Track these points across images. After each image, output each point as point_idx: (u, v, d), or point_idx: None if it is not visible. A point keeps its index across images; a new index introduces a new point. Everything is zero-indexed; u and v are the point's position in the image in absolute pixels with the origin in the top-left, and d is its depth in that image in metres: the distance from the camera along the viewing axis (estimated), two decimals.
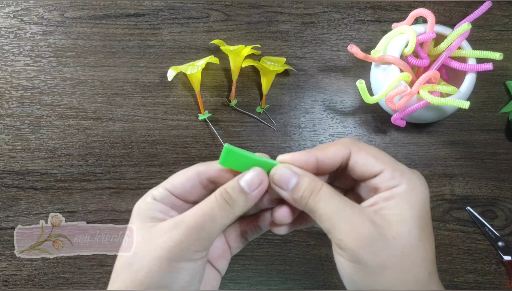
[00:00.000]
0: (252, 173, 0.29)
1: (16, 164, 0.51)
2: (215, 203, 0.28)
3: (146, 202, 0.29)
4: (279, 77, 0.53)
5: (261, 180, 0.29)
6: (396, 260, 0.26)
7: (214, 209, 0.27)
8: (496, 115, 0.54)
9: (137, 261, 0.27)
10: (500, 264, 0.51)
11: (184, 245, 0.26)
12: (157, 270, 0.26)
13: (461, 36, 0.46)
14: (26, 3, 0.53)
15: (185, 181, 0.30)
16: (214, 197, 0.28)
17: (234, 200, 0.28)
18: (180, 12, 0.53)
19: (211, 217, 0.27)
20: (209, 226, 0.27)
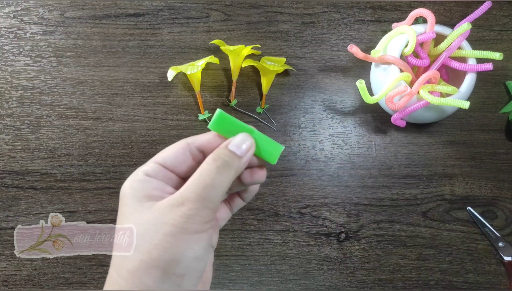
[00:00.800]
0: (240, 137, 0.30)
1: (16, 164, 0.51)
2: (213, 170, 0.28)
3: (138, 179, 0.29)
4: (279, 77, 0.53)
5: (250, 143, 0.30)
6: None
7: (213, 176, 0.27)
8: (496, 116, 0.54)
9: (147, 241, 0.26)
10: (500, 264, 0.51)
11: (193, 219, 0.26)
12: (170, 247, 0.26)
13: (461, 36, 0.46)
14: (26, 3, 0.53)
15: (176, 152, 0.30)
16: (208, 164, 0.28)
17: (229, 163, 0.28)
18: (180, 12, 0.53)
19: (211, 185, 0.27)
20: (213, 194, 0.27)
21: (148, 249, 0.26)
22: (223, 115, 0.30)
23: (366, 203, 0.52)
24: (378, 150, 0.52)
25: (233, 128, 0.30)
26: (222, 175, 0.28)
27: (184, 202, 0.27)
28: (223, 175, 0.28)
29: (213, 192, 0.27)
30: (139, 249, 0.26)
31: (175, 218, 0.26)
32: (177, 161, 0.30)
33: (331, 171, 0.52)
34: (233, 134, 0.30)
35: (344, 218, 0.51)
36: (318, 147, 0.52)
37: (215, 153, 0.29)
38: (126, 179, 0.29)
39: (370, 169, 0.52)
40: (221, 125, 0.30)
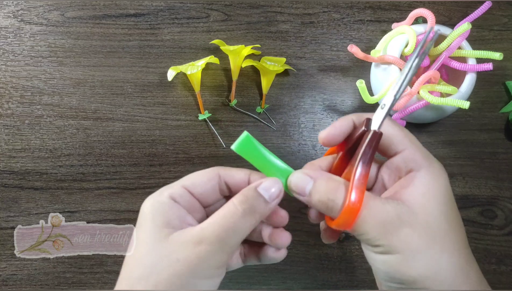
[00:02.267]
0: (272, 181, 0.28)
1: (16, 164, 0.51)
2: (236, 213, 0.26)
3: (162, 201, 0.27)
4: (279, 77, 0.53)
5: (280, 190, 0.28)
6: (426, 244, 0.26)
7: (235, 220, 0.26)
8: (495, 115, 0.54)
9: (155, 274, 0.25)
10: (500, 264, 0.51)
11: (206, 262, 0.25)
12: (177, 286, 0.25)
13: (461, 36, 0.46)
14: (26, 3, 0.53)
15: (207, 181, 0.29)
16: (234, 206, 0.27)
17: (256, 209, 0.27)
18: (180, 12, 0.53)
19: (233, 229, 0.26)
20: (232, 239, 0.26)
21: (155, 283, 0.25)
22: (249, 141, 0.29)
23: None
24: None
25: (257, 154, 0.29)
26: (245, 219, 0.26)
27: (202, 241, 0.25)
28: (247, 219, 0.26)
29: (233, 236, 0.26)
30: (148, 279, 0.25)
31: (190, 257, 0.25)
32: (205, 190, 0.29)
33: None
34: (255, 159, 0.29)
35: None
36: (318, 146, 0.52)
37: (243, 195, 0.27)
38: (149, 197, 0.28)
39: None
40: (245, 149, 0.29)
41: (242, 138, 0.29)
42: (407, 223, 0.25)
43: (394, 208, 0.26)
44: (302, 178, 0.28)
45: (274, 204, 0.28)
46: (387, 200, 0.26)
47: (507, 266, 0.51)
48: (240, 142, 0.29)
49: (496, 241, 0.51)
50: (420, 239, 0.25)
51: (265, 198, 0.27)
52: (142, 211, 0.28)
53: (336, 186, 0.27)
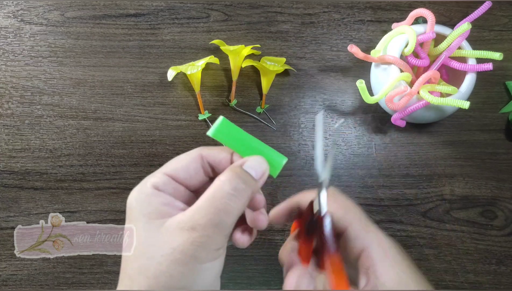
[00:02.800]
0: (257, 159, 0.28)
1: (16, 164, 0.51)
2: (227, 193, 0.26)
3: (146, 192, 0.27)
4: (279, 77, 0.53)
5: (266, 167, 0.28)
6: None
7: (227, 201, 0.25)
8: (496, 116, 0.54)
9: (154, 266, 0.25)
10: (500, 264, 0.51)
11: (204, 246, 0.25)
12: (178, 275, 0.24)
13: (461, 36, 0.46)
14: (26, 3, 0.53)
15: (188, 164, 0.28)
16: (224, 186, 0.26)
17: (245, 186, 0.26)
18: (180, 12, 0.53)
19: (225, 211, 0.25)
20: (226, 220, 0.26)
21: (155, 274, 0.25)
22: (226, 123, 0.28)
23: (366, 202, 0.52)
24: (378, 149, 0.52)
25: (235, 138, 0.28)
26: (237, 199, 0.26)
27: (195, 226, 0.25)
28: (238, 198, 0.26)
29: (227, 217, 0.25)
30: (146, 273, 0.25)
31: (185, 245, 0.24)
32: (189, 174, 0.28)
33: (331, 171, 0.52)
34: (234, 143, 0.28)
35: None
36: None
37: (230, 173, 0.26)
38: (133, 190, 0.28)
39: (370, 169, 0.52)
40: (222, 133, 0.28)
41: (219, 123, 0.28)
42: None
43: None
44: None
45: (261, 181, 0.28)
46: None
47: (507, 266, 0.51)
48: (217, 128, 0.28)
49: (496, 241, 0.51)
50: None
51: (251, 175, 0.27)
52: (128, 205, 0.27)
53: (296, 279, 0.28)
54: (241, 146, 0.29)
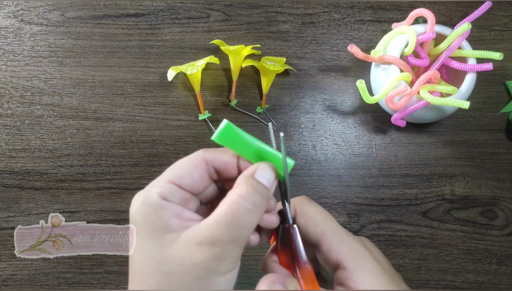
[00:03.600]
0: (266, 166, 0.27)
1: (16, 164, 0.51)
2: (246, 208, 0.25)
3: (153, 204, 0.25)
4: (279, 77, 0.53)
5: (275, 172, 0.27)
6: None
7: (246, 216, 0.25)
8: (496, 115, 0.53)
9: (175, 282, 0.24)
10: (501, 264, 0.51)
11: (224, 260, 0.25)
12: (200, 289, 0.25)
13: (461, 36, 0.46)
14: (26, 3, 0.53)
15: (193, 171, 0.27)
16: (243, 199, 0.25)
17: (262, 199, 0.26)
18: (180, 12, 0.53)
19: (244, 226, 0.25)
20: (244, 235, 0.25)
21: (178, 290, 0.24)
22: (230, 127, 0.27)
23: (367, 202, 0.52)
24: (378, 149, 0.52)
25: (240, 141, 0.28)
26: (255, 214, 0.26)
27: (215, 242, 0.24)
28: (257, 213, 0.26)
29: (245, 231, 0.25)
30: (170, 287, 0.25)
31: (207, 261, 0.24)
32: (194, 180, 0.27)
33: (331, 171, 0.52)
34: (239, 147, 0.28)
35: (344, 218, 0.51)
36: (318, 147, 0.52)
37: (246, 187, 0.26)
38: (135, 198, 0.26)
39: (370, 169, 0.52)
40: (227, 138, 0.27)
41: (223, 127, 0.27)
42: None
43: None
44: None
45: (273, 189, 0.27)
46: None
47: (508, 266, 0.51)
48: (221, 132, 0.27)
49: (496, 241, 0.51)
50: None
51: (265, 185, 0.27)
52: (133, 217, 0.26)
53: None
54: (246, 150, 0.28)
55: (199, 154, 0.28)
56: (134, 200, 0.26)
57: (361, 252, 0.28)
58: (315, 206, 0.30)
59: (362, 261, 0.27)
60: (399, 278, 0.29)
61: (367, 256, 0.28)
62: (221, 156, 0.28)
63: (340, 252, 0.27)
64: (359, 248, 0.28)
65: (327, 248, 0.28)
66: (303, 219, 0.29)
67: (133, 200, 0.27)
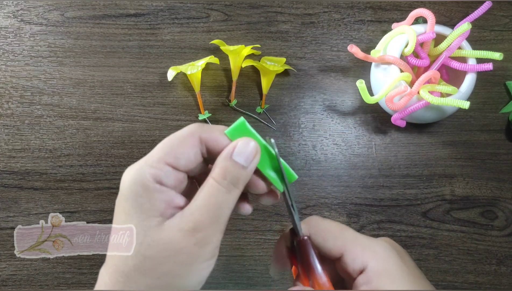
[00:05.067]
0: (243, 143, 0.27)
1: (16, 164, 0.51)
2: (222, 190, 0.26)
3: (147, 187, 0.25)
4: (279, 77, 0.53)
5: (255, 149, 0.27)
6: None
7: (224, 197, 0.26)
8: (496, 116, 0.53)
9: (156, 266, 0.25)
10: (501, 265, 0.51)
11: (207, 247, 0.25)
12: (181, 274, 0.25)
13: (461, 36, 0.46)
14: (26, 3, 0.53)
15: (189, 150, 0.26)
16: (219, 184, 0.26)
17: (238, 179, 0.26)
18: (180, 12, 0.53)
19: (222, 207, 0.26)
20: (223, 216, 0.26)
21: (158, 275, 0.25)
22: (244, 125, 0.27)
23: (366, 203, 0.52)
24: (378, 150, 0.52)
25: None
26: (232, 193, 0.26)
27: (197, 227, 0.25)
28: (233, 192, 0.26)
29: (224, 212, 0.26)
30: (147, 273, 0.25)
31: (189, 247, 0.25)
32: (190, 161, 0.27)
33: (331, 171, 0.52)
34: None
35: (344, 218, 0.51)
36: (318, 147, 0.52)
37: (222, 168, 0.26)
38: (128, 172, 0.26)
39: (370, 169, 0.52)
40: (239, 135, 0.27)
41: (237, 124, 0.27)
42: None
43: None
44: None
45: (253, 165, 0.27)
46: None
47: (508, 267, 0.51)
48: (234, 128, 0.27)
49: (496, 242, 0.51)
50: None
51: (242, 165, 0.26)
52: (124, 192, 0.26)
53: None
54: None
55: (194, 130, 0.27)
56: (126, 175, 0.26)
57: (386, 254, 0.28)
58: (328, 221, 0.30)
59: (387, 263, 0.27)
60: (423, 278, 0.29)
61: (391, 257, 0.27)
62: (215, 135, 0.27)
63: (365, 258, 0.27)
64: (384, 251, 0.28)
65: (351, 257, 0.27)
66: (320, 236, 0.29)
67: (124, 174, 0.26)
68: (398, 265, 0.27)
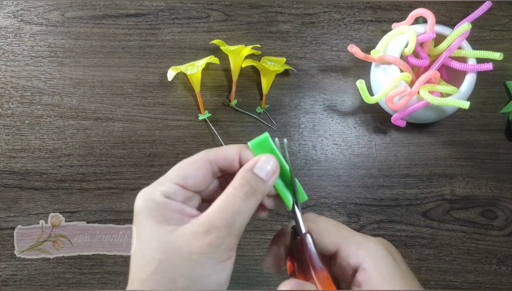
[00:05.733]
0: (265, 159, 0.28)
1: (16, 164, 0.51)
2: (240, 197, 0.27)
3: (157, 200, 0.27)
4: (279, 77, 0.53)
5: (276, 166, 0.29)
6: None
7: (240, 204, 0.27)
8: (496, 116, 0.53)
9: (171, 268, 0.25)
10: (501, 265, 0.51)
11: (219, 247, 0.26)
12: (196, 276, 0.26)
13: (461, 36, 0.46)
14: (26, 3, 0.53)
15: (197, 172, 0.28)
16: (235, 190, 0.27)
17: (256, 190, 0.27)
18: (180, 12, 0.53)
19: (238, 213, 0.26)
20: (240, 221, 0.27)
21: (173, 278, 0.25)
22: (267, 140, 0.29)
23: (366, 203, 0.52)
24: (378, 150, 0.52)
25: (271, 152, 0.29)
26: (248, 201, 0.27)
27: (210, 229, 0.26)
28: (250, 201, 0.27)
29: (240, 219, 0.27)
30: (163, 275, 0.25)
31: (203, 247, 0.25)
32: (198, 181, 0.28)
33: (331, 171, 0.52)
34: None
35: (344, 218, 0.51)
36: (318, 147, 0.52)
37: (242, 177, 0.28)
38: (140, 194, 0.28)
39: (370, 169, 0.52)
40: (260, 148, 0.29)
41: (261, 138, 0.29)
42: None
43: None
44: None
45: (272, 181, 0.29)
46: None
47: (508, 266, 0.51)
48: (257, 141, 0.29)
49: (496, 241, 0.51)
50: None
51: (262, 178, 0.28)
52: (136, 210, 0.28)
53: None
54: None
55: (203, 155, 0.29)
56: (138, 196, 0.28)
57: (379, 253, 0.28)
58: (325, 219, 0.31)
59: (380, 261, 0.28)
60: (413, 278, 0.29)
61: (384, 256, 0.28)
62: (223, 154, 0.29)
63: (359, 255, 0.28)
64: (377, 250, 0.28)
65: (346, 254, 0.28)
66: (317, 233, 0.29)
67: (137, 196, 0.28)
68: (390, 264, 0.28)
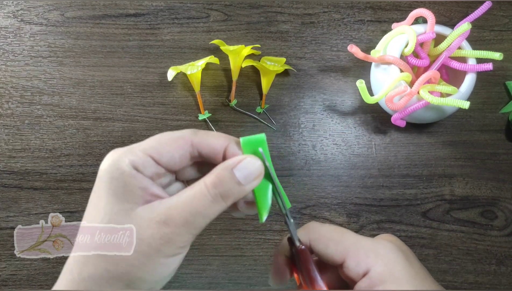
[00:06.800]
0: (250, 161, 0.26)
1: (16, 164, 0.51)
2: (208, 198, 0.24)
3: (122, 170, 0.25)
4: (279, 77, 0.53)
5: (259, 172, 0.26)
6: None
7: (206, 205, 0.24)
8: (496, 116, 0.53)
9: None
10: (501, 265, 0.51)
11: (172, 243, 0.24)
12: (140, 265, 0.24)
13: (461, 36, 0.46)
14: (26, 3, 0.53)
15: (175, 151, 0.26)
16: (205, 189, 0.25)
17: (229, 194, 0.25)
18: (180, 12, 0.53)
19: (202, 214, 0.24)
20: (199, 223, 0.25)
21: (116, 261, 0.24)
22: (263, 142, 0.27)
23: (366, 203, 0.52)
24: (378, 150, 0.52)
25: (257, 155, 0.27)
26: (217, 205, 0.25)
27: (168, 222, 0.24)
28: (219, 205, 0.25)
29: (202, 220, 0.25)
30: (106, 257, 0.24)
31: (154, 238, 0.24)
32: (173, 159, 0.26)
33: (331, 171, 0.52)
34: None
35: (344, 218, 0.51)
36: (318, 147, 0.52)
37: (217, 176, 0.25)
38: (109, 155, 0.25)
39: (370, 169, 0.52)
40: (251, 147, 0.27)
41: (256, 137, 0.27)
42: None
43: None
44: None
45: (250, 186, 0.26)
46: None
47: (507, 267, 0.51)
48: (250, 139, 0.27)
49: (496, 242, 0.51)
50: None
51: (239, 181, 0.25)
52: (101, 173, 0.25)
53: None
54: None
55: (187, 135, 0.26)
56: (107, 157, 0.26)
57: (391, 256, 0.27)
58: (328, 226, 0.29)
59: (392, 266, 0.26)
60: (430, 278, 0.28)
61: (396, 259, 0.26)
62: (209, 142, 0.27)
63: (369, 261, 0.26)
64: (388, 253, 0.27)
65: (355, 262, 0.26)
66: (321, 243, 0.28)
67: (107, 156, 0.26)
68: (404, 268, 0.26)
